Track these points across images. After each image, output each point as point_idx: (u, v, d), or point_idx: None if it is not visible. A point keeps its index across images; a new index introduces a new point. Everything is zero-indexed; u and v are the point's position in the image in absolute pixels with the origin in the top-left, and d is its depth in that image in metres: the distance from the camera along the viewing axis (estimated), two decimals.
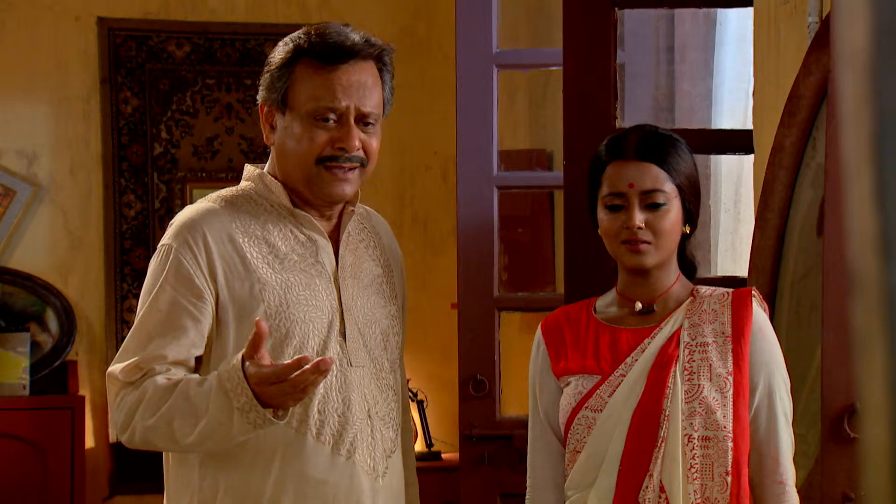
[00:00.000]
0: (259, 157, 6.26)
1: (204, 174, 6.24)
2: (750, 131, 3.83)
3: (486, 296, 4.77)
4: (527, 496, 2.86)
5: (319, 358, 2.44)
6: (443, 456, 6.08)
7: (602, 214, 2.72)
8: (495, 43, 4.75)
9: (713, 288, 2.76)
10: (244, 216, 2.68)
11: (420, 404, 6.05)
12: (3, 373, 5.83)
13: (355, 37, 2.70)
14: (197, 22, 6.24)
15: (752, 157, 3.84)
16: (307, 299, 2.66)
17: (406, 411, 2.95)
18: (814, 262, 3.40)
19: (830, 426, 2.89)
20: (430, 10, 6.32)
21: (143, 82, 6.21)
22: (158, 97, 6.22)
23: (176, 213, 6.07)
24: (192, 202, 6.06)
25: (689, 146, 2.76)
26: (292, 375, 2.41)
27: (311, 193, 2.68)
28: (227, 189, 2.76)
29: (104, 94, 6.17)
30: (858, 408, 2.78)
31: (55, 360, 6.00)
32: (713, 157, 4.41)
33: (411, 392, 5.87)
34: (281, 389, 2.43)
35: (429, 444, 6.12)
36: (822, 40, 3.36)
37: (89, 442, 5.98)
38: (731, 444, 2.59)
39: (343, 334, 2.69)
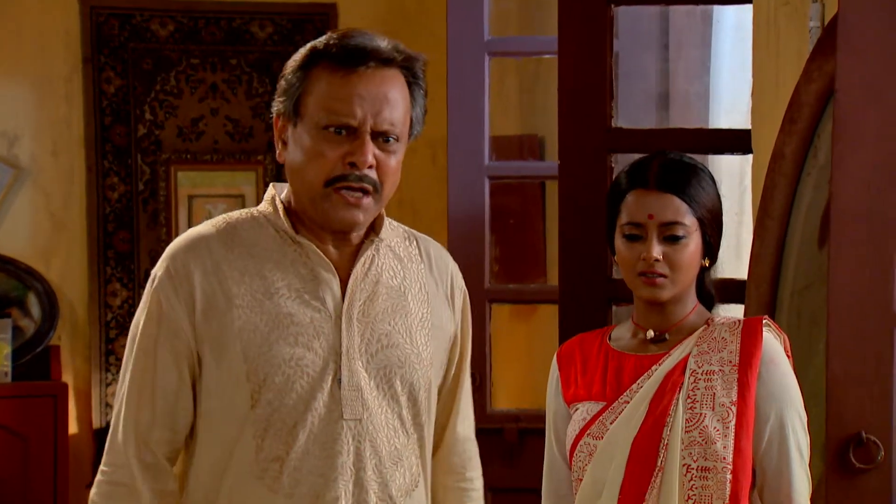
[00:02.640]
0: (244, 138, 6.17)
1: (189, 156, 6.15)
2: (747, 131, 3.76)
3: (477, 288, 4.71)
4: None
5: None
6: None
7: (619, 243, 2.66)
8: (487, 30, 4.67)
9: (727, 317, 2.71)
10: (241, 244, 2.46)
11: None
12: None
13: (381, 41, 2.43)
14: (181, 0, 6.12)
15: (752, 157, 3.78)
16: (296, 339, 2.41)
17: (469, 468, 2.66)
18: (815, 275, 3.34)
19: (835, 456, 2.83)
20: None
21: (126, 62, 6.10)
22: (142, 77, 6.12)
23: (160, 195, 6.12)
24: (176, 184, 6.16)
25: (712, 175, 2.70)
26: None
27: (319, 217, 2.44)
28: (238, 211, 2.54)
29: (86, 74, 6.06)
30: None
31: (38, 345, 5.92)
32: (713, 157, 4.33)
33: None
34: None
35: None
36: (825, 47, 3.29)
37: (72, 428, 5.91)
38: (730, 477, 2.54)
39: (339, 382, 2.42)
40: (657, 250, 2.59)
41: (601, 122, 3.63)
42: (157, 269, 2.47)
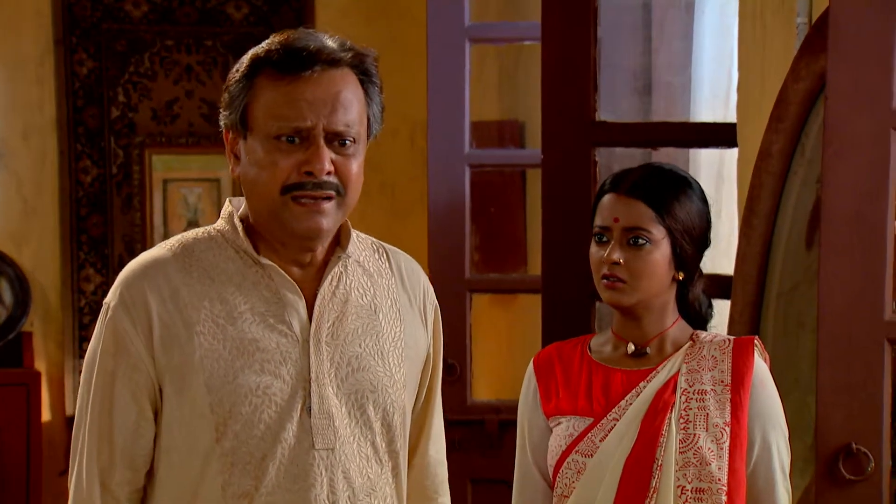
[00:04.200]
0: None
1: (163, 139, 6.07)
2: (732, 125, 3.71)
3: (457, 277, 4.67)
4: None
5: None
6: None
7: (591, 244, 2.67)
8: (467, 16, 4.61)
9: (714, 333, 2.69)
10: (198, 267, 2.31)
11: None
12: None
13: (326, 41, 2.27)
14: None
15: (733, 150, 3.73)
16: (263, 367, 2.26)
17: (440, 493, 2.53)
18: (802, 276, 3.30)
19: (825, 467, 2.80)
20: None
21: (98, 43, 6.02)
22: (115, 59, 6.04)
23: (134, 179, 6.04)
24: (150, 168, 6.09)
25: (702, 191, 2.68)
26: None
27: (281, 230, 2.28)
28: (193, 231, 2.39)
29: (58, 56, 5.98)
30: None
31: (10, 332, 5.87)
32: (693, 151, 4.29)
33: None
34: None
35: None
36: (813, 45, 3.24)
37: (45, 415, 5.86)
38: (724, 498, 2.53)
39: (309, 410, 2.27)
40: (617, 254, 2.59)
41: (585, 115, 3.58)
42: (111, 299, 2.30)
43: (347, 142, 2.27)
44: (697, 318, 2.70)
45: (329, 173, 2.25)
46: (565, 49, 3.54)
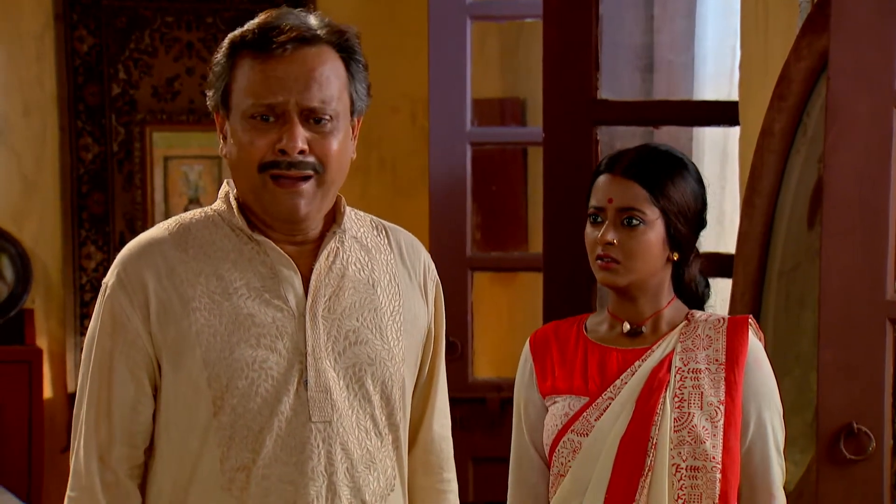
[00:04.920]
0: None
1: (164, 116, 6.05)
2: (734, 103, 3.71)
3: (458, 255, 4.67)
4: None
5: None
6: None
7: (587, 225, 2.69)
8: None
9: (709, 313, 2.70)
10: (195, 245, 2.34)
11: None
12: None
13: (306, 19, 2.30)
14: None
15: (737, 129, 3.73)
16: (259, 341, 2.29)
17: (446, 468, 2.53)
18: (804, 255, 3.30)
19: (826, 447, 2.82)
20: None
21: (98, 19, 5.99)
22: (115, 35, 6.01)
23: (135, 156, 6.03)
24: (151, 145, 6.08)
25: (698, 172, 2.68)
26: None
27: (265, 212, 2.32)
28: (191, 211, 2.42)
29: (58, 32, 5.94)
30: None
31: (11, 309, 5.85)
32: (696, 129, 4.28)
33: None
34: None
35: None
36: (815, 24, 3.24)
37: (47, 392, 5.86)
38: (719, 476, 2.55)
39: (305, 383, 2.30)
40: (611, 234, 2.61)
41: (587, 93, 3.58)
42: (109, 278, 2.35)
43: (324, 119, 2.29)
44: (694, 298, 2.70)
45: (303, 152, 2.28)
46: (567, 27, 3.53)
